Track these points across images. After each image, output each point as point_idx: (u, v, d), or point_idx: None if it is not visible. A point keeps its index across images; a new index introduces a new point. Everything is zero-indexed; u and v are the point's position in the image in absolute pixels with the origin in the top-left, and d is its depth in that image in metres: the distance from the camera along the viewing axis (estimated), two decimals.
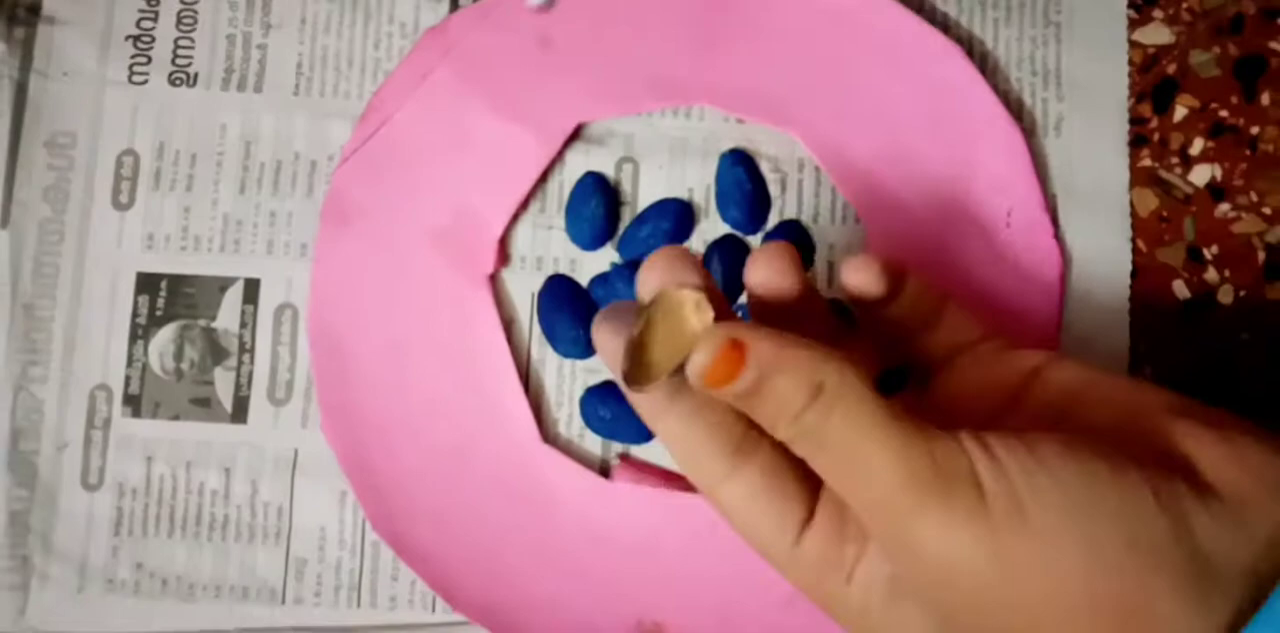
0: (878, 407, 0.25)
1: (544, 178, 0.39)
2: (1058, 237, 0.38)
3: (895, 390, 0.31)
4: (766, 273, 0.28)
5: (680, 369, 0.26)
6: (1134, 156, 0.39)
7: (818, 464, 0.25)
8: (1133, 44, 0.39)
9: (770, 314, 0.29)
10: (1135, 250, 0.38)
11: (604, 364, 0.27)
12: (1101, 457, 0.24)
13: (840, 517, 0.27)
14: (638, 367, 0.26)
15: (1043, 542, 0.23)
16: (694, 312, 0.26)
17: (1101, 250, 0.38)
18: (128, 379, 0.39)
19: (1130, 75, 0.39)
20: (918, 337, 0.31)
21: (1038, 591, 0.23)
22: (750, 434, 0.27)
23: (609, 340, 0.27)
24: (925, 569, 0.24)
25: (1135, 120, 0.39)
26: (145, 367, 0.39)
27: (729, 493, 0.27)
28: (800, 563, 0.27)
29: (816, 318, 0.30)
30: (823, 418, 0.25)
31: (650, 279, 0.27)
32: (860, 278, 0.29)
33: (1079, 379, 0.28)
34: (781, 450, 0.27)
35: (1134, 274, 0.38)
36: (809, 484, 0.27)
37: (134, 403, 0.39)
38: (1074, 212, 0.39)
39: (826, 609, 0.27)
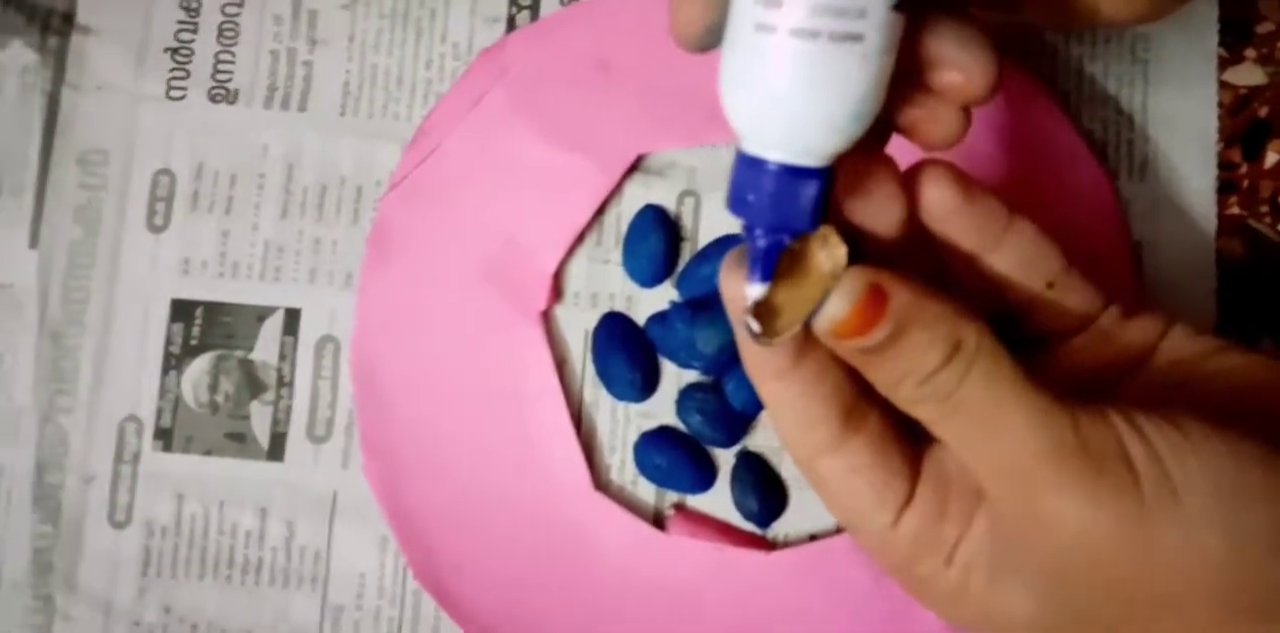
0: (1018, 371, 0.23)
1: (601, 210, 0.38)
2: (1140, 287, 0.37)
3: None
4: (865, 191, 0.25)
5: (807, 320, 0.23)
6: (1222, 204, 0.37)
7: (944, 429, 0.24)
8: (1223, 85, 0.38)
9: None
10: (1221, 303, 0.37)
11: (730, 318, 0.24)
12: (1250, 439, 0.23)
13: (942, 496, 0.25)
14: (762, 316, 0.23)
15: (1194, 527, 0.22)
16: (822, 248, 0.23)
17: (1186, 302, 0.37)
18: (159, 411, 0.37)
19: (1220, 118, 0.37)
20: (1029, 308, 0.27)
21: (1181, 576, 0.22)
22: (860, 403, 0.25)
23: (736, 286, 0.24)
24: (1057, 545, 0.23)
25: (1224, 165, 0.37)
26: (178, 399, 0.37)
27: (831, 466, 0.25)
28: (895, 544, 0.25)
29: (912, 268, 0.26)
30: (958, 379, 0.23)
31: None
32: (934, 191, 0.26)
33: (1198, 349, 0.27)
34: (889, 422, 0.25)
35: (1219, 328, 0.37)
36: (912, 461, 0.25)
37: (165, 437, 0.37)
38: (1158, 262, 0.37)
39: (916, 592, 0.26)
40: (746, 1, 0.22)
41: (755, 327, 0.23)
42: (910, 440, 0.26)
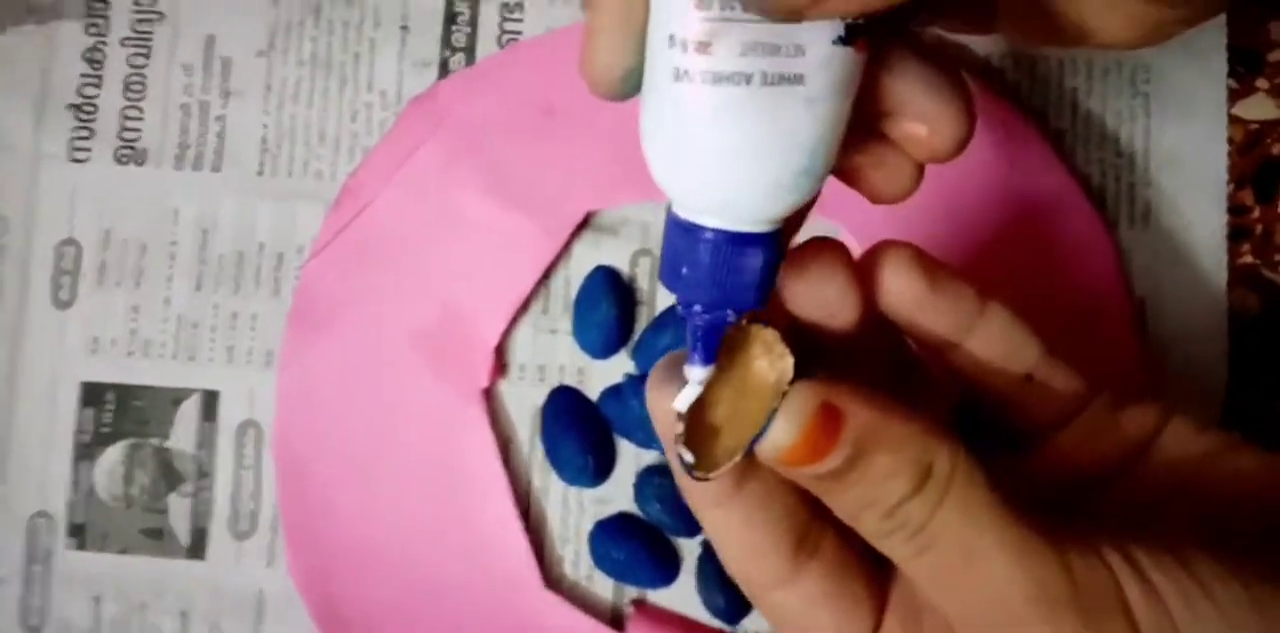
0: (998, 501, 0.20)
1: (548, 274, 0.34)
2: (1144, 349, 0.33)
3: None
4: (813, 286, 0.22)
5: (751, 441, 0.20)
6: (1233, 253, 0.34)
7: (914, 567, 0.21)
8: (1233, 119, 0.34)
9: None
10: (1233, 364, 0.33)
11: (662, 443, 0.21)
12: (1265, 577, 0.20)
13: (914, 622, 0.22)
14: (697, 442, 0.20)
15: None
16: (764, 355, 0.20)
17: (1195, 362, 0.33)
18: (71, 506, 0.34)
19: (1230, 156, 0.34)
20: (1005, 402, 0.24)
21: None
22: (814, 524, 0.22)
23: (664, 405, 0.20)
24: None
25: (1235, 209, 0.34)
26: (91, 492, 0.34)
27: (785, 600, 0.22)
28: None
29: (869, 363, 0.23)
30: (929, 511, 0.20)
31: None
32: (895, 280, 0.22)
33: (1201, 447, 0.24)
34: (847, 544, 0.22)
35: (1230, 390, 0.33)
36: (875, 587, 0.22)
37: (79, 533, 0.34)
38: (1163, 318, 0.33)
39: None
40: (660, 44, 0.18)
41: (689, 458, 0.20)
42: (873, 562, 0.22)
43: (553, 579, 0.33)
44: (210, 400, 0.34)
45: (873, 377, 0.22)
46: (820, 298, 0.22)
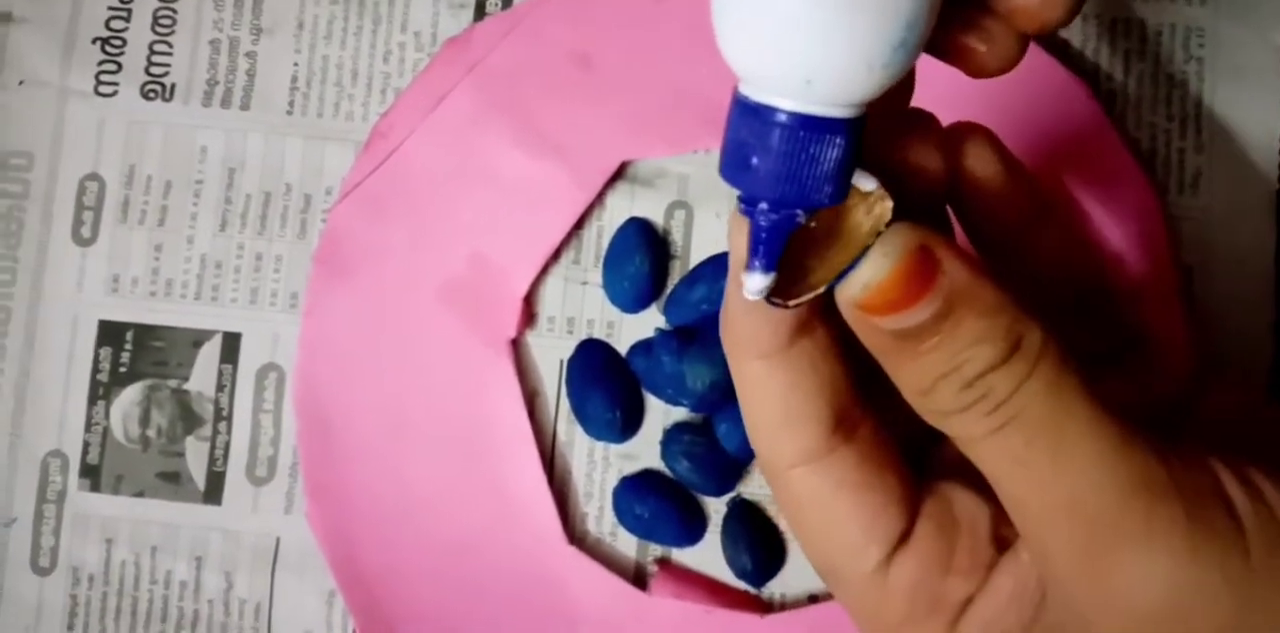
0: (1089, 389, 0.18)
1: (580, 224, 0.33)
2: (1189, 318, 0.32)
3: None
4: (986, 160, 0.20)
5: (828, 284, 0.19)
6: None
7: (987, 448, 0.19)
8: None
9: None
10: (1279, 332, 0.32)
11: (730, 271, 0.20)
12: None
13: (948, 540, 0.21)
14: (779, 275, 0.18)
15: None
16: (862, 203, 0.18)
17: (1243, 336, 0.32)
18: (86, 446, 0.34)
19: None
20: (1058, 319, 0.23)
21: None
22: (854, 409, 0.20)
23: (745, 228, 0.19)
24: (1135, 608, 0.18)
25: None
26: (106, 432, 0.34)
27: (809, 480, 0.20)
28: (884, 594, 0.20)
29: None
30: (1014, 384, 0.18)
31: None
32: (979, 158, 0.21)
33: (1239, 408, 0.23)
34: (885, 439, 0.21)
35: (1277, 359, 0.32)
36: (909, 489, 0.21)
37: (93, 474, 0.33)
38: (1211, 289, 0.32)
39: None
40: None
41: (765, 282, 0.18)
42: (908, 467, 0.21)
43: (576, 535, 0.32)
44: (232, 343, 0.34)
45: None
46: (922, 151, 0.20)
